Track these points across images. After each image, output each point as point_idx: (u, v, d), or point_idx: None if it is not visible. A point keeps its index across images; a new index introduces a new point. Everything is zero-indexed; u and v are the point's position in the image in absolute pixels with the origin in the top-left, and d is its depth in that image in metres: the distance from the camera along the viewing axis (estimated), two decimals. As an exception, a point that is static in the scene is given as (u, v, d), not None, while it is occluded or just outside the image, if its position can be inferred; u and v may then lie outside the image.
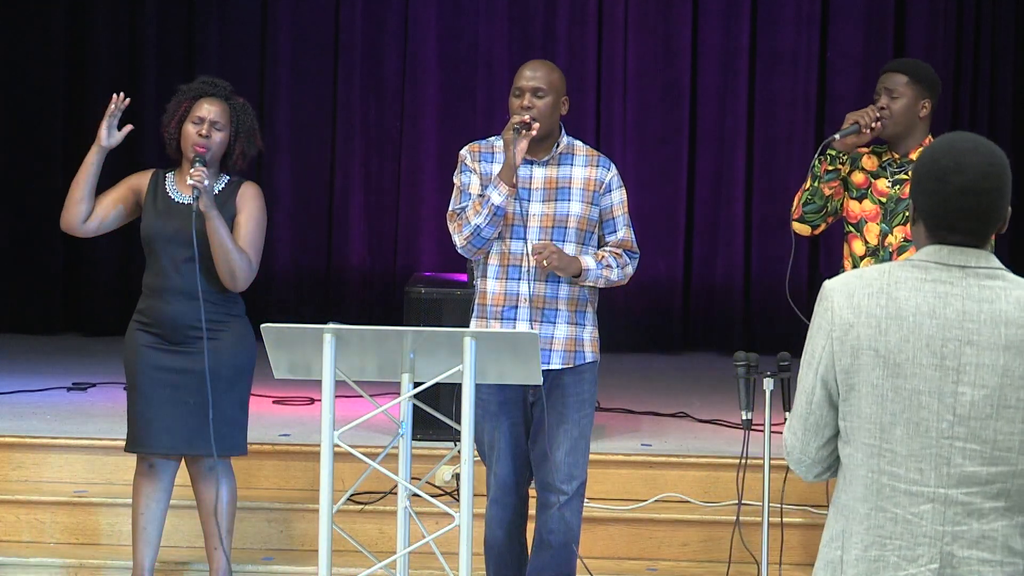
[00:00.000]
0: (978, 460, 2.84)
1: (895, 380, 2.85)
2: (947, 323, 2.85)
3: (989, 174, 2.89)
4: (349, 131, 9.62)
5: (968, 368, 2.84)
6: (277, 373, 4.61)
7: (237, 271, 5.25)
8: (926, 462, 2.84)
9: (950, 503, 2.84)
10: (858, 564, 2.90)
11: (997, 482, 2.85)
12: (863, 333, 2.87)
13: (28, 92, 9.52)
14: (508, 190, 5.01)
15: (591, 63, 9.56)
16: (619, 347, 9.37)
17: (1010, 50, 9.44)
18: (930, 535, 2.85)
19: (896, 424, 2.85)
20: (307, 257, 9.70)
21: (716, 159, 9.61)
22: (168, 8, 9.58)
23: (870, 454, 2.88)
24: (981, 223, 2.90)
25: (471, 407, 4.44)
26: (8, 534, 6.15)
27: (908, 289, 2.88)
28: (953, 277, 2.88)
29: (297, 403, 7.38)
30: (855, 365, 2.88)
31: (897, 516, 2.87)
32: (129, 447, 5.37)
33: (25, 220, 9.55)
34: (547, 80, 5.13)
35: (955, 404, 2.84)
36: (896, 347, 2.86)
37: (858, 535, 2.90)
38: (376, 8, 9.61)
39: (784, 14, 9.54)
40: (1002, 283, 2.89)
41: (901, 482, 2.86)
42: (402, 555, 4.64)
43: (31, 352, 8.76)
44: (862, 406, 2.88)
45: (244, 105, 5.40)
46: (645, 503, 6.30)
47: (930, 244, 2.93)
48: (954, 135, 2.96)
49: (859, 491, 2.90)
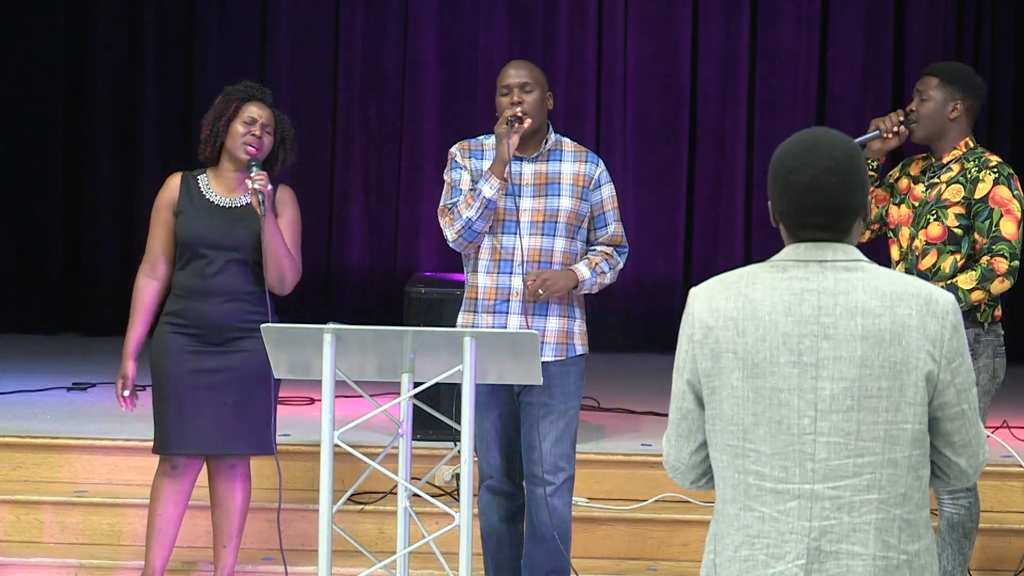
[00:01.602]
0: (843, 453, 2.83)
1: (755, 380, 2.86)
2: (803, 319, 2.86)
3: (832, 168, 2.89)
4: (349, 131, 9.62)
5: (826, 362, 2.84)
6: (277, 373, 4.61)
7: (287, 275, 5.33)
8: (790, 459, 2.85)
9: (816, 498, 2.84)
10: (730, 565, 2.91)
11: (865, 473, 2.83)
12: (721, 336, 2.89)
13: (28, 92, 9.51)
14: (499, 183, 5.06)
15: (591, 63, 9.56)
16: (619, 347, 9.39)
17: (1010, 50, 9.45)
18: (797, 531, 2.85)
19: (759, 424, 2.86)
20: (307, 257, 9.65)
21: (716, 159, 9.61)
22: (168, 8, 9.58)
23: (735, 455, 2.89)
24: (833, 217, 2.91)
25: (471, 407, 4.44)
26: (8, 534, 6.14)
27: (765, 289, 2.89)
28: (811, 273, 2.89)
29: (297, 403, 7.38)
30: (716, 368, 2.89)
31: (764, 515, 2.87)
32: (160, 448, 5.31)
33: (25, 220, 9.54)
34: (532, 75, 5.17)
35: (816, 399, 2.84)
36: (753, 347, 2.86)
37: (729, 536, 2.91)
38: (376, 8, 9.61)
39: (784, 14, 9.54)
40: (861, 274, 2.88)
41: (767, 481, 2.86)
42: (402, 555, 4.64)
43: (31, 352, 8.76)
44: (724, 408, 2.89)
45: (283, 115, 5.48)
46: (645, 503, 6.30)
47: (788, 243, 2.95)
48: (802, 133, 2.97)
49: (728, 493, 2.91)
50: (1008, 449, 6.61)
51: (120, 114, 9.45)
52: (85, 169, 9.53)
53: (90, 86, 9.54)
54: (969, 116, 5.29)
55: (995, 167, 5.21)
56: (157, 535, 5.38)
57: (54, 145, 9.54)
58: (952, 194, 5.22)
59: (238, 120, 5.32)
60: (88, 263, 9.54)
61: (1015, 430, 7.01)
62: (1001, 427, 6.97)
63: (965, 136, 5.29)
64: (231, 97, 5.37)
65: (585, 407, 7.04)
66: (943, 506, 5.31)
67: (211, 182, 5.38)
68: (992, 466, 6.40)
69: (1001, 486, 6.39)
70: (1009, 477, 6.42)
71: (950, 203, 5.20)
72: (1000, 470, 6.42)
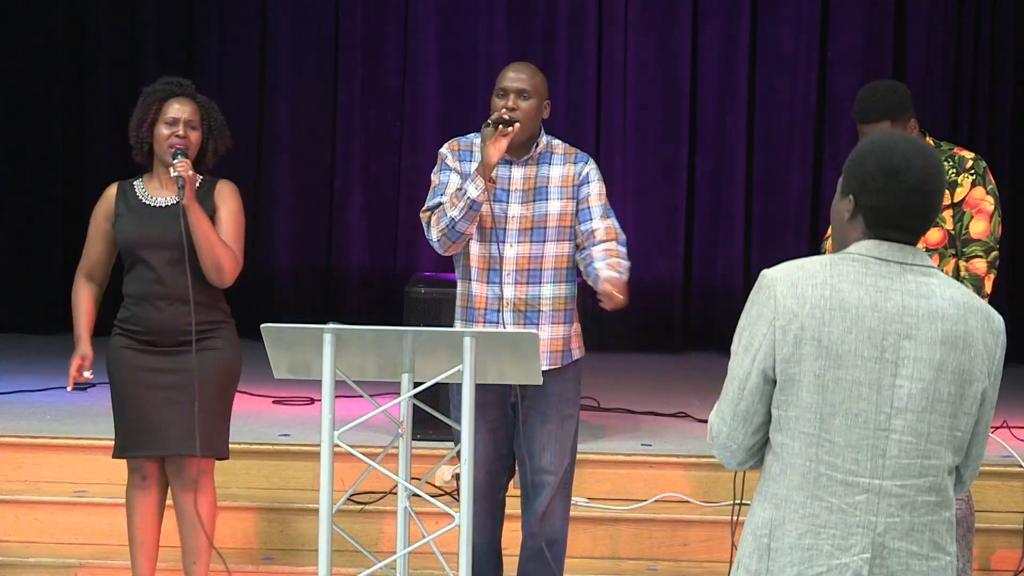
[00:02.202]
0: (913, 453, 2.88)
1: (836, 371, 2.88)
2: (888, 317, 2.89)
3: (935, 175, 2.95)
4: (349, 131, 9.61)
5: (906, 361, 2.88)
6: (277, 373, 4.61)
7: (223, 263, 5.18)
8: (863, 452, 2.88)
9: (884, 494, 2.88)
10: (792, 552, 2.92)
11: (929, 475, 2.89)
12: (807, 323, 2.90)
13: (28, 93, 9.51)
14: (483, 183, 5.04)
15: (591, 63, 9.56)
16: (619, 347, 9.38)
17: (1010, 50, 9.44)
18: (864, 525, 2.88)
19: (835, 414, 2.89)
20: (307, 257, 9.69)
21: (716, 159, 9.61)
22: (168, 8, 9.58)
23: (808, 443, 2.90)
24: (924, 222, 2.96)
25: (471, 407, 4.44)
26: (8, 534, 6.15)
27: (851, 282, 2.91)
28: (892, 272, 2.92)
29: (297, 403, 7.38)
30: (797, 355, 2.91)
31: (832, 505, 2.89)
32: (119, 453, 5.29)
33: (26, 221, 9.54)
34: (531, 83, 5.12)
35: (893, 397, 2.88)
36: (839, 338, 2.89)
37: (792, 523, 2.93)
38: (376, 8, 9.61)
39: (784, 14, 9.54)
40: (937, 280, 2.94)
41: (838, 472, 2.89)
42: (402, 555, 4.64)
43: (31, 352, 8.75)
44: (802, 395, 2.90)
45: (210, 102, 5.35)
46: (645, 503, 6.30)
47: (867, 239, 2.95)
48: (890, 135, 3.00)
49: (795, 480, 2.92)
50: (1008, 449, 6.61)
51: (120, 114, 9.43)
52: (85, 169, 9.53)
53: (90, 86, 9.54)
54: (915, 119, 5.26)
55: (971, 168, 5.23)
56: (140, 547, 5.33)
57: (54, 145, 9.54)
58: None
59: (161, 122, 5.24)
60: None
61: (1015, 430, 7.01)
62: (1001, 427, 6.97)
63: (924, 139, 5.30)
64: (150, 99, 5.28)
65: (585, 407, 7.03)
66: None
67: (146, 186, 5.32)
68: (992, 466, 6.40)
69: (1001, 486, 6.39)
70: (1009, 477, 6.42)
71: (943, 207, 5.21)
72: (1000, 470, 6.42)
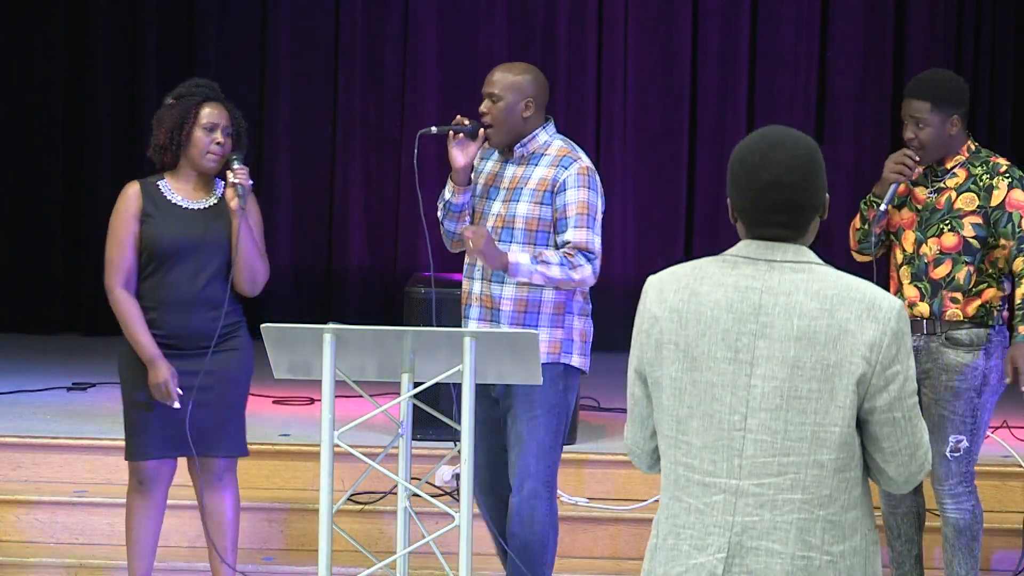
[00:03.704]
0: (769, 451, 2.86)
1: (692, 373, 2.90)
2: (742, 317, 2.88)
3: (794, 167, 2.91)
4: (349, 131, 9.61)
5: (760, 361, 2.87)
6: (277, 373, 4.61)
7: (259, 276, 5.26)
8: (719, 453, 2.88)
9: (741, 494, 2.87)
10: (658, 552, 2.95)
11: (789, 473, 2.85)
12: (665, 327, 2.92)
13: (28, 93, 9.51)
14: (454, 187, 5.10)
15: (591, 63, 9.56)
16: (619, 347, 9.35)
17: (1010, 50, 9.44)
18: (720, 525, 2.88)
19: (693, 416, 2.90)
20: (307, 257, 9.69)
21: (716, 159, 9.60)
22: (168, 8, 9.58)
23: (669, 445, 2.93)
24: (792, 215, 2.93)
25: (471, 407, 4.44)
26: (8, 534, 6.15)
27: (711, 284, 2.92)
28: (758, 271, 2.92)
29: (297, 403, 7.39)
30: (657, 358, 2.93)
31: (691, 506, 2.90)
32: (136, 456, 5.22)
33: (25, 220, 9.54)
34: (503, 84, 5.09)
35: (748, 396, 2.87)
36: (694, 341, 2.90)
37: (661, 524, 2.97)
38: (376, 8, 9.61)
39: (784, 14, 9.53)
40: (805, 275, 2.90)
41: (696, 473, 2.89)
42: (402, 555, 4.64)
43: (31, 352, 8.75)
44: (663, 399, 2.93)
45: (235, 108, 5.31)
46: (645, 503, 6.30)
47: (745, 238, 2.98)
48: (764, 130, 2.99)
49: (664, 482, 2.97)
50: (1008, 449, 6.62)
51: (120, 114, 9.45)
52: (85, 169, 9.53)
53: (90, 86, 9.54)
54: (963, 122, 5.25)
55: (1006, 172, 5.20)
56: (135, 547, 5.31)
57: (54, 145, 9.53)
58: (965, 203, 5.19)
59: (198, 126, 5.16)
60: (88, 263, 9.52)
61: (1015, 430, 7.01)
62: (1001, 427, 6.97)
63: (966, 141, 5.27)
64: (188, 102, 5.18)
65: (585, 407, 7.05)
66: (947, 511, 5.27)
67: (173, 187, 5.25)
68: (992, 466, 6.40)
69: (1001, 486, 6.40)
70: (1009, 477, 6.42)
71: (964, 212, 5.19)
72: (1000, 470, 6.42)
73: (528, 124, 5.12)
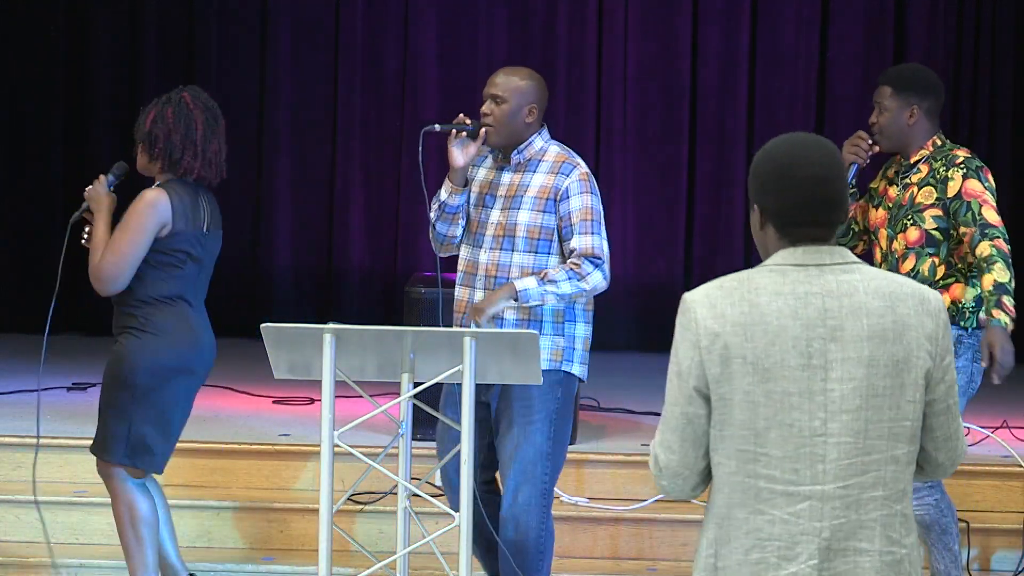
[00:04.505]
0: (852, 452, 2.88)
1: (765, 385, 2.88)
2: (810, 323, 2.89)
3: (826, 163, 2.95)
4: (349, 131, 9.62)
5: (834, 364, 2.88)
6: (277, 373, 4.61)
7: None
8: (801, 461, 2.88)
9: (827, 498, 2.88)
10: (740, 568, 2.92)
11: (872, 471, 2.89)
12: (730, 342, 2.89)
13: (28, 92, 9.51)
14: (452, 187, 5.06)
15: (591, 63, 9.56)
16: (619, 347, 9.38)
17: (1010, 50, 9.44)
18: (808, 532, 2.88)
19: (770, 428, 2.88)
20: (307, 257, 9.70)
21: (716, 159, 9.61)
22: (168, 8, 9.58)
23: (745, 460, 2.90)
24: (830, 212, 2.95)
25: (471, 407, 4.44)
26: (8, 534, 6.15)
27: (769, 294, 2.91)
28: (811, 277, 2.92)
29: (297, 403, 7.38)
30: (725, 374, 2.89)
31: (775, 517, 2.89)
32: (160, 468, 5.36)
33: (25, 220, 9.54)
34: (508, 87, 5.08)
35: (826, 401, 2.87)
36: (763, 352, 2.88)
37: (737, 540, 2.92)
38: (376, 8, 9.61)
39: (784, 14, 9.54)
40: (858, 276, 2.93)
41: (778, 484, 2.89)
42: (402, 555, 4.65)
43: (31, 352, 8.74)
44: (734, 414, 2.90)
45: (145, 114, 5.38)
46: (645, 503, 6.29)
47: (782, 247, 2.96)
48: (784, 136, 3.02)
49: (736, 497, 2.91)
50: (1008, 449, 6.61)
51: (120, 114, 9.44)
52: (85, 169, 9.51)
53: (90, 86, 9.54)
54: (930, 116, 5.29)
55: (962, 163, 5.21)
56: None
57: (54, 145, 9.54)
58: (925, 196, 5.23)
59: None
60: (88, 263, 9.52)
61: (1015, 430, 7.01)
62: (1001, 427, 6.97)
63: (932, 135, 5.30)
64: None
65: (585, 407, 7.05)
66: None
67: None
68: (992, 466, 6.40)
69: (1001, 486, 6.39)
70: (1009, 477, 6.41)
71: (924, 206, 5.22)
72: (1000, 470, 6.42)
73: (528, 130, 5.11)
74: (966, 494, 6.25)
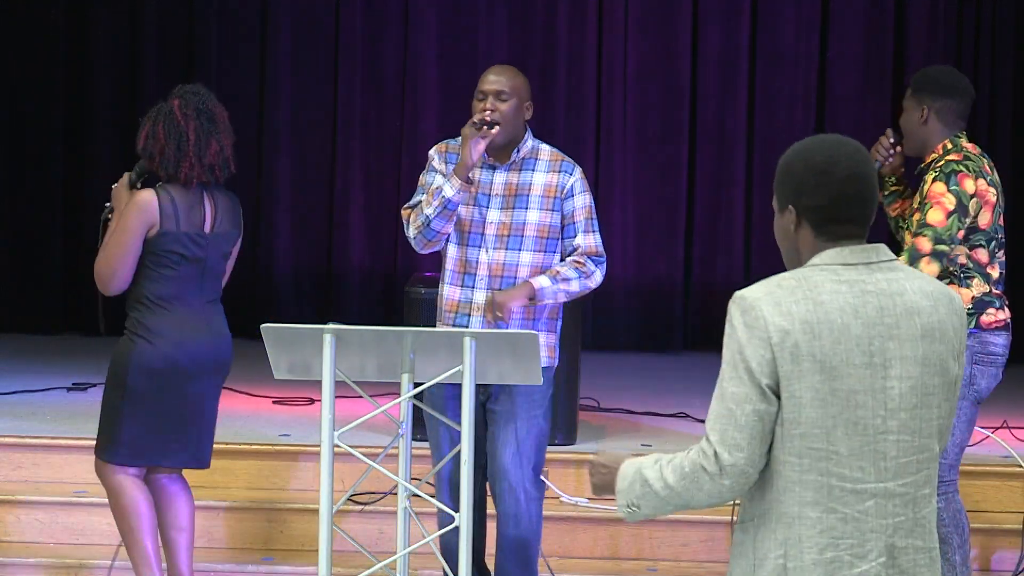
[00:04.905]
0: (909, 450, 2.93)
1: (832, 383, 2.90)
2: (869, 321, 2.92)
3: (865, 160, 2.99)
4: (349, 131, 9.62)
5: (893, 362, 2.92)
6: (277, 373, 4.61)
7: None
8: (865, 459, 2.91)
9: (890, 496, 2.92)
10: (815, 568, 2.93)
11: (924, 469, 2.95)
12: (800, 339, 2.90)
13: (28, 93, 9.51)
14: (461, 184, 5.03)
15: (591, 63, 9.56)
16: (619, 347, 9.38)
17: (1010, 51, 9.44)
18: (876, 530, 2.92)
19: (837, 426, 2.91)
20: (307, 257, 9.69)
21: (716, 159, 9.61)
22: (168, 8, 9.58)
23: (817, 458, 2.91)
24: (867, 209, 2.99)
25: (471, 407, 4.44)
26: (8, 534, 6.15)
27: (829, 293, 2.93)
28: (861, 275, 2.95)
29: (297, 403, 7.38)
30: (796, 371, 2.90)
31: (847, 515, 2.92)
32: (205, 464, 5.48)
33: (25, 221, 9.54)
34: (510, 84, 5.10)
35: (886, 399, 2.92)
36: (830, 350, 2.90)
37: (810, 539, 2.93)
38: (376, 8, 9.61)
39: (784, 14, 9.53)
40: (901, 274, 2.98)
41: (847, 482, 2.91)
42: (402, 555, 4.65)
43: (31, 352, 8.75)
44: (805, 412, 2.91)
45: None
46: (645, 503, 6.28)
47: (820, 246, 2.97)
48: (814, 137, 3.04)
49: (807, 495, 2.92)
50: (1008, 449, 6.61)
51: (120, 114, 9.45)
52: (85, 169, 9.53)
53: (90, 86, 9.54)
54: (941, 117, 5.25)
55: (942, 166, 5.16)
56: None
57: (54, 145, 9.54)
58: (915, 201, 5.24)
59: None
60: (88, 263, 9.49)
61: (1015, 430, 7.01)
62: (1001, 427, 6.97)
63: (944, 138, 5.26)
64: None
65: (585, 407, 7.05)
66: None
67: None
68: (992, 466, 6.41)
69: (1001, 486, 6.39)
70: (1009, 477, 6.42)
71: (914, 210, 5.23)
72: (1000, 470, 6.42)
73: (523, 128, 5.14)
74: (966, 494, 6.22)
